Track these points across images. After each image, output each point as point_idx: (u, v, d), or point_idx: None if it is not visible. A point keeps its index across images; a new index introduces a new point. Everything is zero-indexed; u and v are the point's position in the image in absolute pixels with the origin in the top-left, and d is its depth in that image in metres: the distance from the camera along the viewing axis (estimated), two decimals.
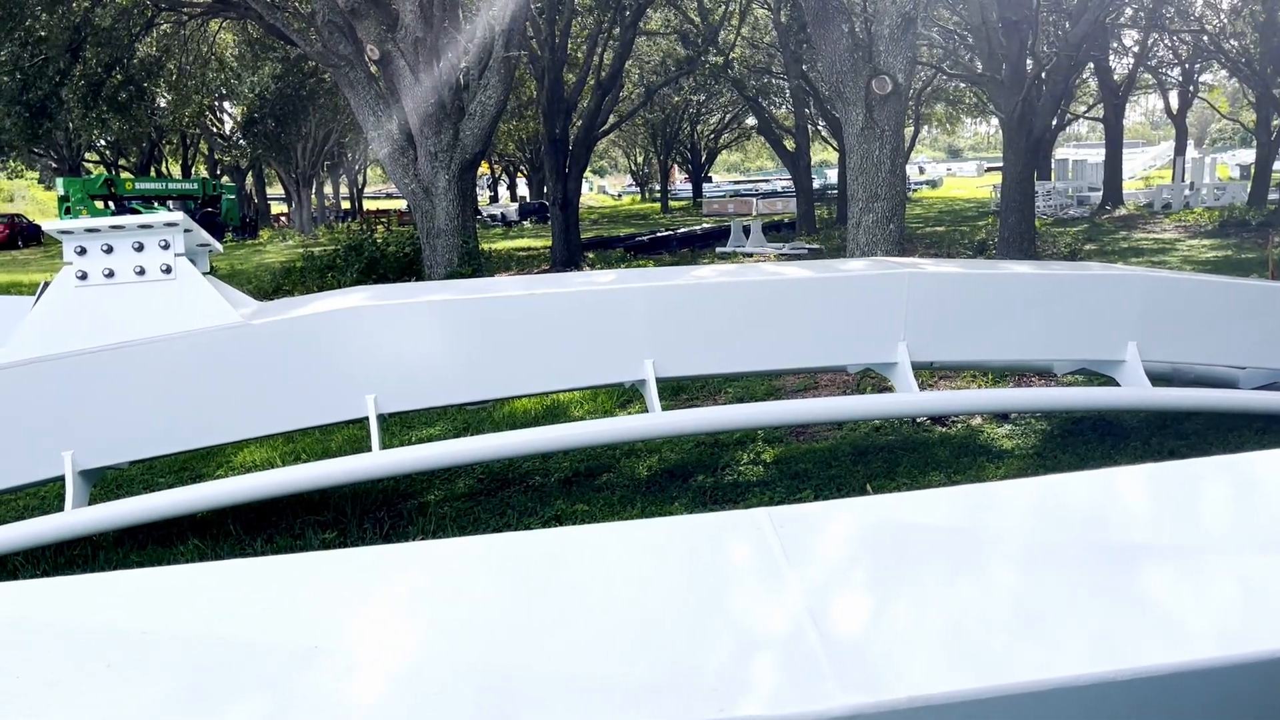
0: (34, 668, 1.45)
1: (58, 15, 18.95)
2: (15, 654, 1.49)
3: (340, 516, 5.11)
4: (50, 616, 1.61)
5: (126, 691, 1.38)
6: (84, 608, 1.63)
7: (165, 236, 4.41)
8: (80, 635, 1.54)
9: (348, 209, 53.79)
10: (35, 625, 1.58)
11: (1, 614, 1.62)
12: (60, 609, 1.63)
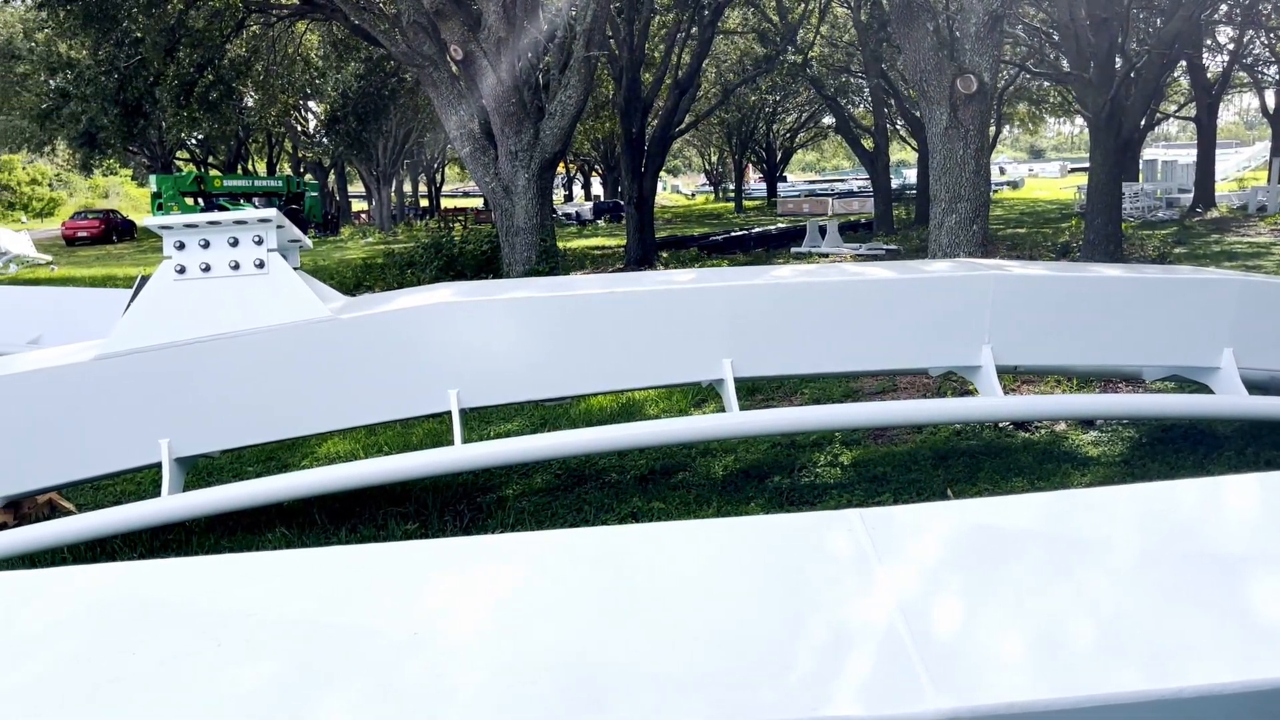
0: (149, 646, 1.51)
1: (154, 17, 19.57)
2: (131, 632, 1.55)
3: (421, 509, 5.20)
4: (162, 596, 1.67)
5: (236, 671, 1.43)
6: (193, 589, 1.69)
7: (259, 232, 4.54)
8: (191, 616, 1.60)
9: (425, 207, 54.64)
10: (148, 605, 1.64)
11: (116, 593, 1.69)
12: (171, 590, 1.70)
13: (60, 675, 1.43)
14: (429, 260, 16.25)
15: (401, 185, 52.21)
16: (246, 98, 33.85)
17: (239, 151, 49.11)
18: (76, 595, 1.66)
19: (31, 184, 69.58)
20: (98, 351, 4.49)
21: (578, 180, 67.42)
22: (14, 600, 1.65)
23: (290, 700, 1.35)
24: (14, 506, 4.99)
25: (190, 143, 48.48)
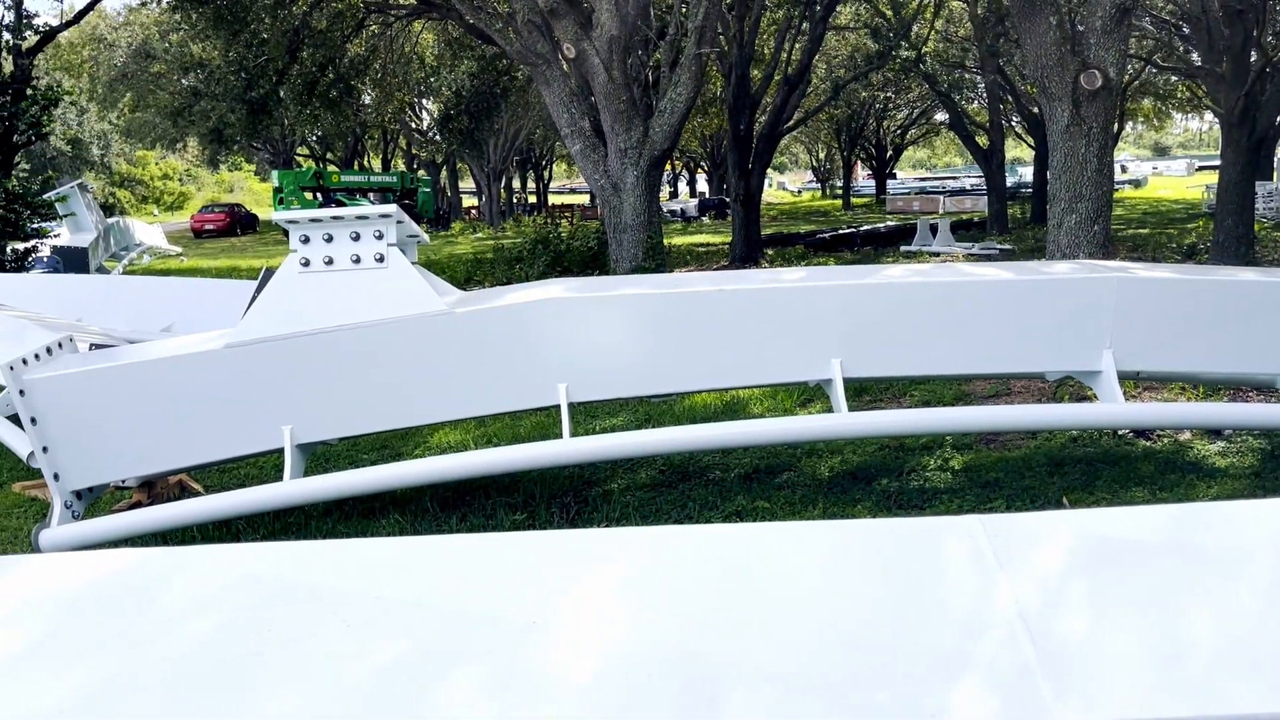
0: (283, 623, 1.58)
1: (279, 18, 20.31)
2: (266, 609, 1.63)
3: (529, 500, 5.30)
4: (294, 576, 1.75)
5: (363, 652, 1.49)
6: (323, 571, 1.76)
7: (380, 227, 4.68)
8: (320, 596, 1.67)
9: (533, 203, 55.43)
10: (282, 584, 1.72)
11: (252, 572, 1.78)
12: (302, 570, 1.77)
13: (204, 647, 1.50)
14: (536, 256, 16.50)
15: (511, 181, 53.08)
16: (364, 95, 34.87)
17: (356, 148, 50.65)
18: (217, 573, 1.74)
19: (163, 178, 73.05)
20: (227, 340, 4.69)
21: (683, 177, 67.47)
22: (162, 575, 1.74)
23: (416, 681, 1.40)
24: (148, 486, 5.26)
25: (310, 139, 50.22)
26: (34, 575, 1.84)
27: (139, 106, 44.48)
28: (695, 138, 41.35)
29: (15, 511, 5.60)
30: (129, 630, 1.58)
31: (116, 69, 41.91)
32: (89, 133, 58.26)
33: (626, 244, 13.80)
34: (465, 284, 15.49)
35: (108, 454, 4.68)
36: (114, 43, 42.58)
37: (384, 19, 24.36)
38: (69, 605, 1.70)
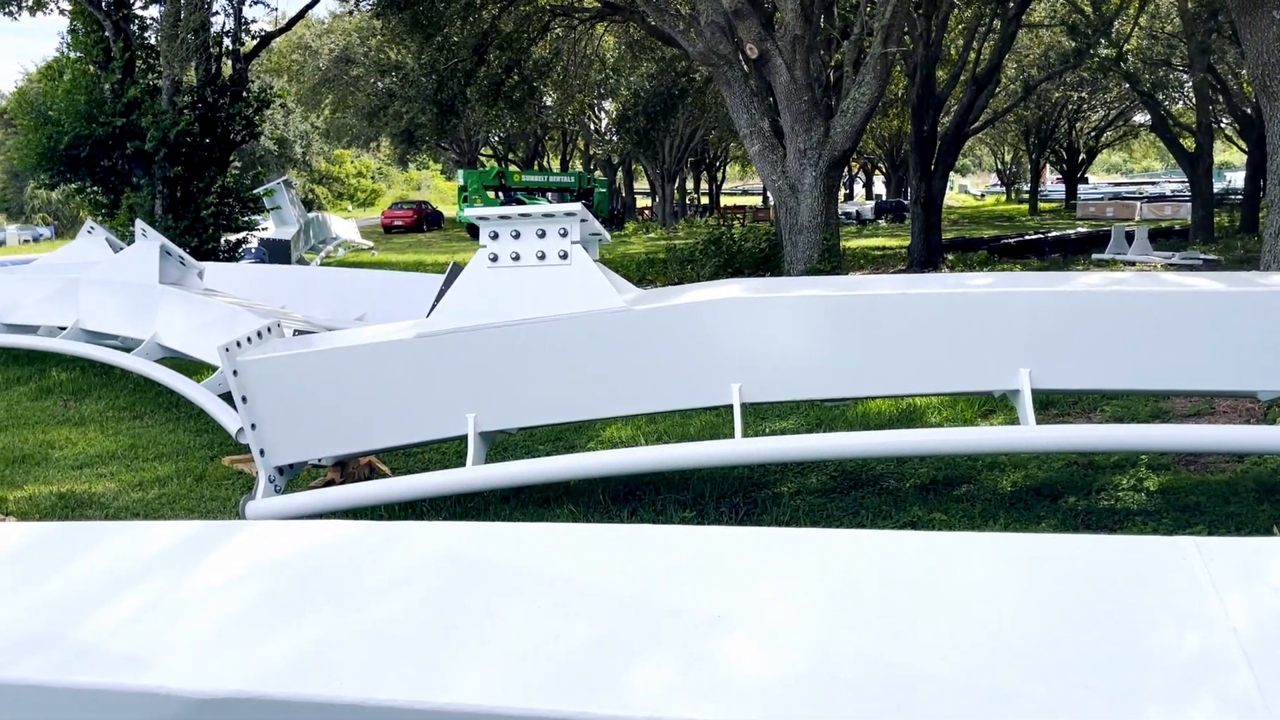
0: (477, 600, 1.64)
1: (469, 23, 21.12)
2: (462, 585, 1.69)
3: (699, 498, 5.32)
4: (487, 556, 1.81)
5: (554, 631, 1.53)
6: (515, 552, 1.82)
7: (565, 225, 4.80)
8: (512, 576, 1.72)
9: (706, 204, 55.62)
10: (476, 562, 1.78)
11: (448, 549, 1.85)
12: (495, 550, 1.83)
13: (405, 618, 1.58)
14: (708, 256, 16.55)
15: (684, 182, 53.46)
16: (546, 97, 35.85)
17: (536, 148, 52.15)
18: (416, 548, 1.83)
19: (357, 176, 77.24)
20: (418, 330, 4.92)
21: (859, 179, 66.24)
22: (366, 547, 1.84)
23: (603, 664, 1.43)
24: (342, 465, 5.57)
25: (494, 140, 52.04)
26: (251, 542, 1.98)
27: (338, 108, 47.24)
28: (874, 139, 40.52)
29: (224, 483, 6.04)
30: (336, 597, 1.67)
31: (320, 73, 44.62)
32: (293, 132, 62.24)
33: (802, 245, 13.66)
34: (637, 283, 15.65)
35: (307, 433, 4.99)
36: (318, 49, 45.33)
37: (568, 22, 24.98)
38: (282, 571, 1.82)
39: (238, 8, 18.42)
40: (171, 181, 16.94)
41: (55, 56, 18.41)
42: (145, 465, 6.57)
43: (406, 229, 46.24)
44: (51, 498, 5.88)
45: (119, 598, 1.73)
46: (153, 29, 17.88)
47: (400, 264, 24.18)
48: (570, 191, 42.57)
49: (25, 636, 1.62)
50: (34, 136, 16.95)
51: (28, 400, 8.89)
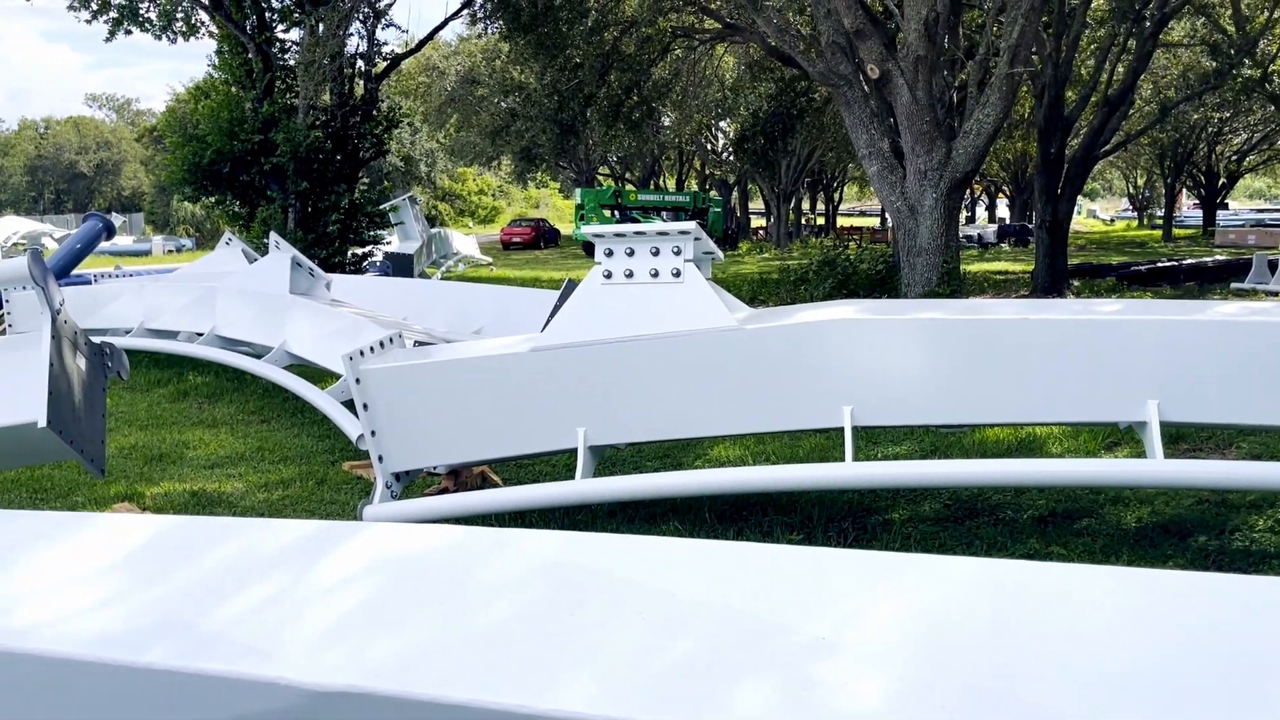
0: (584, 609, 1.66)
1: (592, 44, 21.46)
2: (570, 594, 1.71)
3: (807, 521, 5.26)
4: (594, 566, 1.83)
5: (657, 645, 1.53)
6: (622, 564, 1.83)
7: (678, 243, 4.82)
8: (618, 587, 1.73)
9: (821, 224, 55.10)
10: (584, 572, 1.80)
11: (558, 558, 1.87)
12: (602, 561, 1.85)
13: (512, 624, 1.61)
14: (823, 277, 16.40)
15: (800, 203, 53.07)
16: (664, 117, 36.14)
17: (653, 168, 52.57)
18: (524, 555, 1.86)
19: (479, 194, 79.19)
20: (532, 344, 5.00)
21: (981, 201, 64.65)
22: (476, 553, 1.88)
23: (705, 681, 1.43)
24: (455, 474, 5.70)
25: (611, 159, 52.69)
26: (367, 543, 2.04)
27: (463, 127, 48.58)
28: (998, 161, 39.54)
29: (344, 487, 6.25)
30: (446, 600, 1.71)
31: (446, 93, 45.97)
32: (419, 150, 64.23)
33: (920, 268, 13.40)
34: (750, 302, 15.60)
35: (423, 441, 5.12)
36: (445, 70, 46.73)
37: (689, 43, 25.14)
38: (395, 572, 1.87)
39: (371, 31, 19.15)
40: (302, 196, 17.68)
41: (203, 78, 19.45)
42: (271, 467, 6.85)
43: (524, 245, 47.11)
44: (185, 495, 6.18)
45: (243, 591, 1.81)
46: (292, 51, 18.73)
47: (517, 280, 24.64)
48: (685, 211, 42.73)
49: (157, 622, 1.70)
50: (180, 153, 17.91)
51: (166, 402, 9.38)
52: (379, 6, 18.95)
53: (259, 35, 18.03)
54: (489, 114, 44.03)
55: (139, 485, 6.43)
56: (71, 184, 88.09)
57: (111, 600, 1.78)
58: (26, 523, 2.24)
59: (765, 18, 16.11)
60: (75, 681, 1.60)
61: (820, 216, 58.18)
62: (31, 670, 1.61)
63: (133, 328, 10.08)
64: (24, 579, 1.90)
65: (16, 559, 2.00)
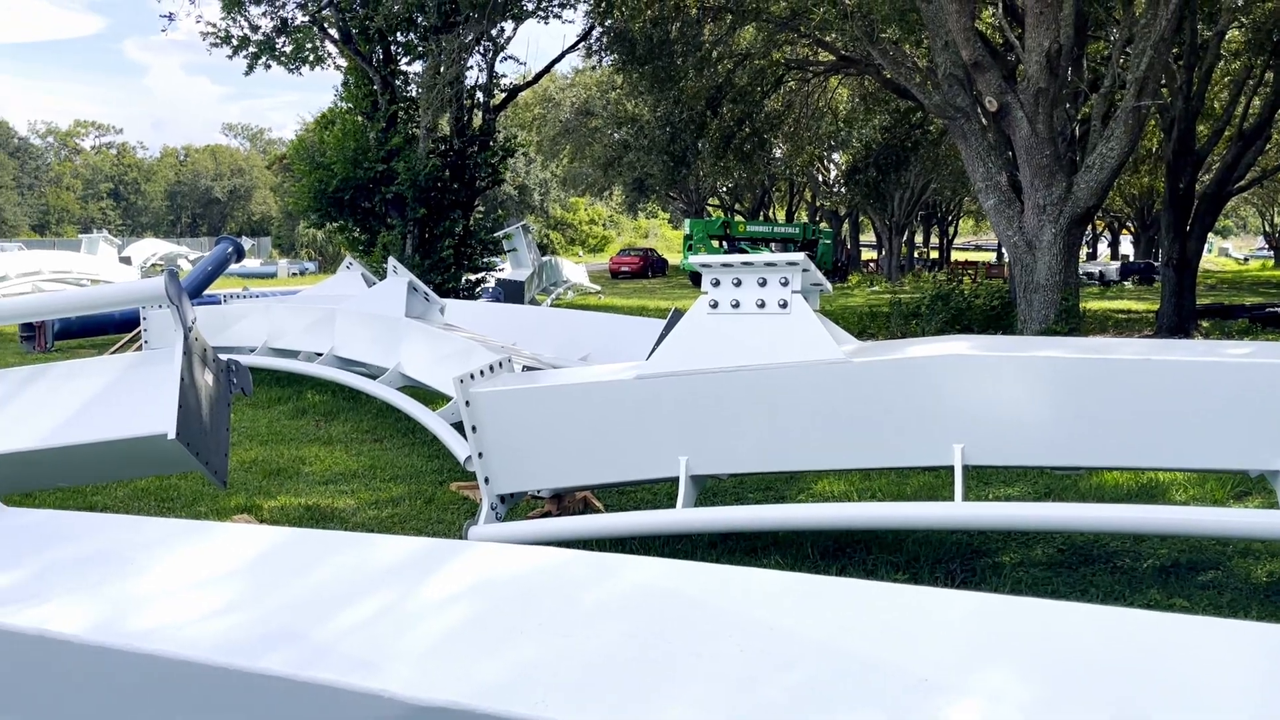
0: (683, 638, 1.66)
1: (705, 77, 21.62)
2: (668, 623, 1.71)
3: (913, 560, 5.14)
4: (694, 595, 1.83)
5: (756, 676, 1.52)
6: (721, 594, 1.83)
7: (786, 274, 4.80)
8: (717, 618, 1.73)
9: (935, 258, 54.09)
10: (683, 600, 1.80)
11: (658, 585, 1.88)
12: (702, 590, 1.85)
13: (612, 647, 1.62)
14: (934, 312, 16.09)
15: (913, 236, 52.23)
16: (775, 149, 36.10)
17: (762, 199, 52.49)
18: (627, 580, 1.87)
19: (589, 223, 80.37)
20: (637, 371, 5.04)
21: (1103, 238, 62.53)
22: (579, 576, 1.90)
23: (805, 715, 1.41)
24: (558, 498, 5.76)
25: (721, 190, 52.83)
26: (473, 562, 2.08)
27: (576, 158, 49.42)
28: (1122, 196, 38.24)
29: (451, 507, 6.37)
30: (548, 623, 1.74)
31: (560, 125, 46.88)
32: (533, 180, 65.59)
33: (1037, 304, 13.03)
34: (858, 335, 15.38)
35: (528, 465, 5.19)
36: (560, 101, 47.69)
37: (802, 75, 25.12)
38: (499, 592, 1.90)
39: (490, 63, 19.71)
40: (420, 223, 18.23)
41: (329, 108, 20.28)
42: (381, 485, 7.04)
43: (632, 274, 47.53)
44: (300, 509, 6.40)
45: (354, 604, 1.86)
46: (414, 82, 19.39)
47: (624, 308, 24.85)
48: (795, 242, 42.49)
49: (272, 631, 1.76)
50: (307, 180, 18.69)
51: (286, 419, 9.74)
52: (498, 39, 19.49)
53: (384, 67, 18.74)
54: (602, 145, 44.72)
55: (258, 498, 6.69)
56: (207, 208, 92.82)
57: (230, 607, 1.86)
58: (154, 529, 2.36)
59: (881, 50, 16.00)
60: (195, 684, 1.67)
61: (933, 250, 57.14)
62: (154, 670, 1.69)
63: (257, 346, 10.51)
64: (150, 582, 1.99)
65: (144, 563, 2.11)
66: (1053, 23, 12.31)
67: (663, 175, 30.41)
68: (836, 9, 17.59)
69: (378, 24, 17.74)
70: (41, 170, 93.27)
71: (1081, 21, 14.06)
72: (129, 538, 2.26)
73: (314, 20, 19.35)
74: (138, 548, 2.21)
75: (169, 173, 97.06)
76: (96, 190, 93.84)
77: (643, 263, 49.22)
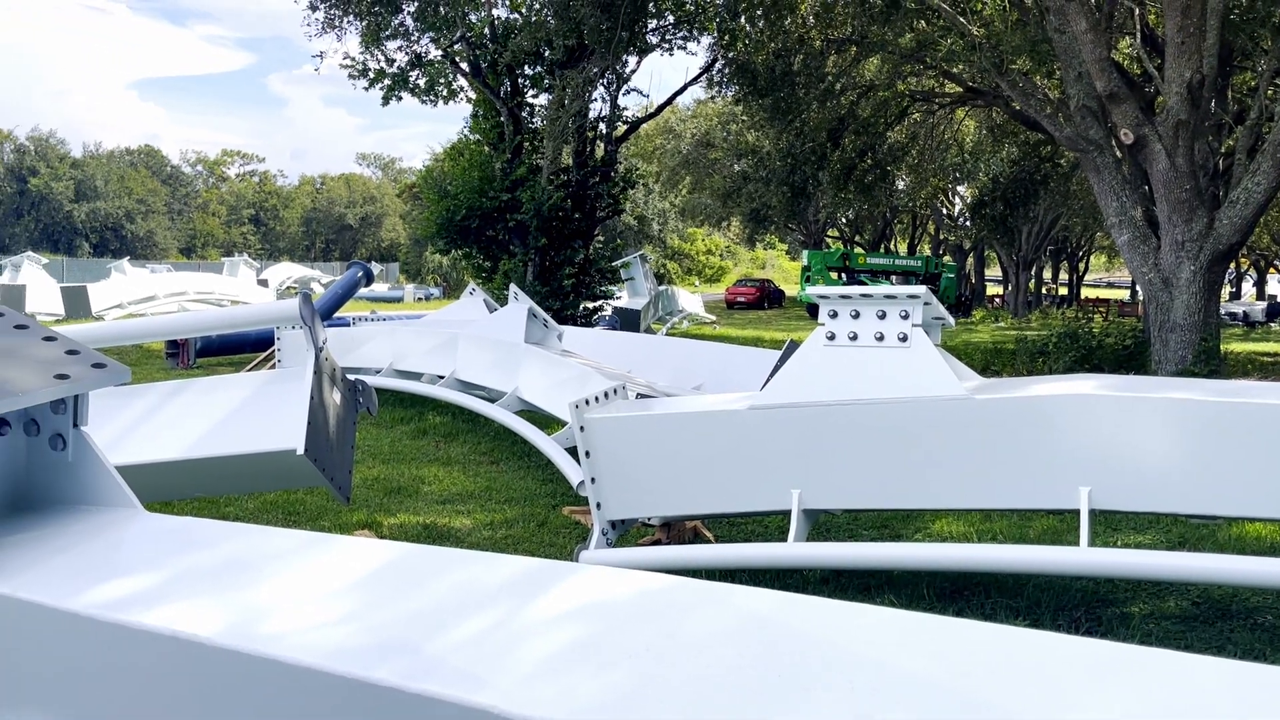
0: (787, 672, 1.63)
1: (828, 109, 21.50)
2: (772, 655, 1.69)
3: (1034, 606, 4.94)
4: (800, 629, 1.80)
5: (864, 715, 1.48)
6: (828, 628, 1.80)
7: (906, 307, 4.71)
8: (825, 652, 1.70)
9: (1064, 295, 52.30)
10: (789, 634, 1.77)
11: (764, 617, 1.86)
12: (810, 624, 1.82)
13: (718, 676, 1.60)
14: (1063, 350, 15.54)
15: (1041, 271, 50.63)
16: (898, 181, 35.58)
17: (884, 231, 51.75)
18: (734, 610, 1.85)
19: (706, 254, 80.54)
20: (751, 402, 5.01)
21: (1248, 276, 59.40)
22: (691, 604, 1.90)
23: None
24: (668, 527, 5.76)
25: (841, 221, 52.31)
26: (583, 584, 2.09)
27: (695, 189, 49.73)
28: (1269, 233, 36.32)
29: (563, 531, 6.44)
30: (654, 648, 1.73)
31: (680, 156, 47.24)
32: (652, 210, 66.17)
33: (1173, 345, 12.45)
34: (982, 372, 14.97)
35: (640, 492, 5.21)
36: (681, 133, 48.09)
37: (927, 107, 24.74)
38: (607, 615, 1.91)
39: (614, 96, 20.03)
40: (541, 251, 18.60)
41: (458, 139, 20.94)
42: (496, 507, 7.16)
43: (748, 305, 47.40)
44: (418, 527, 6.56)
45: (465, 619, 1.90)
46: (540, 115, 19.86)
47: (739, 338, 24.77)
48: (916, 275, 41.72)
49: (385, 642, 1.81)
50: (435, 209, 19.29)
51: (407, 439, 10.02)
52: (622, 73, 19.81)
53: (511, 100, 19.26)
54: (721, 176, 44.87)
55: (378, 514, 6.88)
56: (339, 234, 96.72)
57: (348, 617, 1.92)
58: (281, 540, 2.45)
59: (1010, 81, 15.64)
60: (310, 689, 1.72)
61: (1063, 286, 55.29)
62: (274, 674, 1.75)
63: (382, 368, 10.86)
64: (276, 590, 2.07)
65: (270, 571, 2.19)
66: (1195, 52, 11.83)
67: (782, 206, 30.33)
68: (964, 40, 17.28)
69: (507, 59, 18.26)
70: (190, 196, 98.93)
71: (1226, 51, 13.48)
72: (258, 546, 2.36)
73: (446, 55, 20.03)
74: (266, 557, 2.30)
75: (306, 200, 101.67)
76: (239, 216, 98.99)
77: (759, 293, 49.07)
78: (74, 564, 2.16)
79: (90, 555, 2.23)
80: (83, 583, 2.03)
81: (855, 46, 20.59)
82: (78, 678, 1.94)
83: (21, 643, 1.97)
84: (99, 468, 2.43)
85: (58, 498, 2.48)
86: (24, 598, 1.93)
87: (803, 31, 20.07)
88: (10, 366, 2.30)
